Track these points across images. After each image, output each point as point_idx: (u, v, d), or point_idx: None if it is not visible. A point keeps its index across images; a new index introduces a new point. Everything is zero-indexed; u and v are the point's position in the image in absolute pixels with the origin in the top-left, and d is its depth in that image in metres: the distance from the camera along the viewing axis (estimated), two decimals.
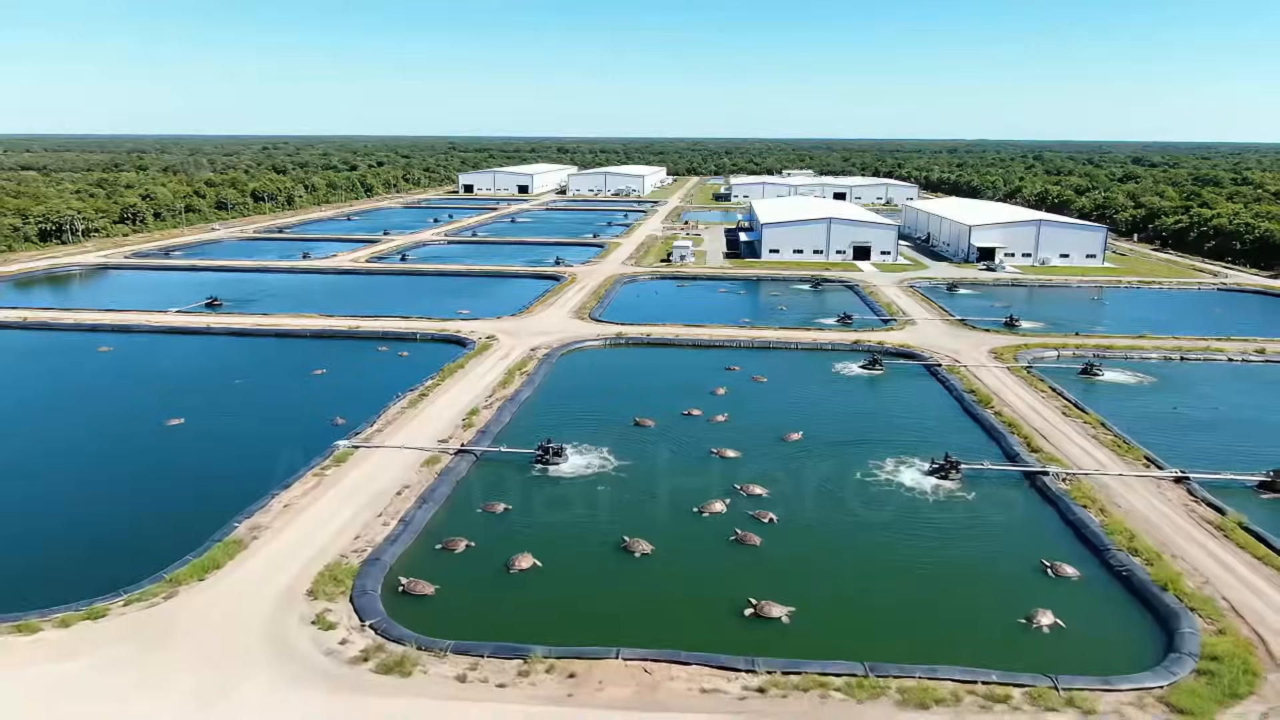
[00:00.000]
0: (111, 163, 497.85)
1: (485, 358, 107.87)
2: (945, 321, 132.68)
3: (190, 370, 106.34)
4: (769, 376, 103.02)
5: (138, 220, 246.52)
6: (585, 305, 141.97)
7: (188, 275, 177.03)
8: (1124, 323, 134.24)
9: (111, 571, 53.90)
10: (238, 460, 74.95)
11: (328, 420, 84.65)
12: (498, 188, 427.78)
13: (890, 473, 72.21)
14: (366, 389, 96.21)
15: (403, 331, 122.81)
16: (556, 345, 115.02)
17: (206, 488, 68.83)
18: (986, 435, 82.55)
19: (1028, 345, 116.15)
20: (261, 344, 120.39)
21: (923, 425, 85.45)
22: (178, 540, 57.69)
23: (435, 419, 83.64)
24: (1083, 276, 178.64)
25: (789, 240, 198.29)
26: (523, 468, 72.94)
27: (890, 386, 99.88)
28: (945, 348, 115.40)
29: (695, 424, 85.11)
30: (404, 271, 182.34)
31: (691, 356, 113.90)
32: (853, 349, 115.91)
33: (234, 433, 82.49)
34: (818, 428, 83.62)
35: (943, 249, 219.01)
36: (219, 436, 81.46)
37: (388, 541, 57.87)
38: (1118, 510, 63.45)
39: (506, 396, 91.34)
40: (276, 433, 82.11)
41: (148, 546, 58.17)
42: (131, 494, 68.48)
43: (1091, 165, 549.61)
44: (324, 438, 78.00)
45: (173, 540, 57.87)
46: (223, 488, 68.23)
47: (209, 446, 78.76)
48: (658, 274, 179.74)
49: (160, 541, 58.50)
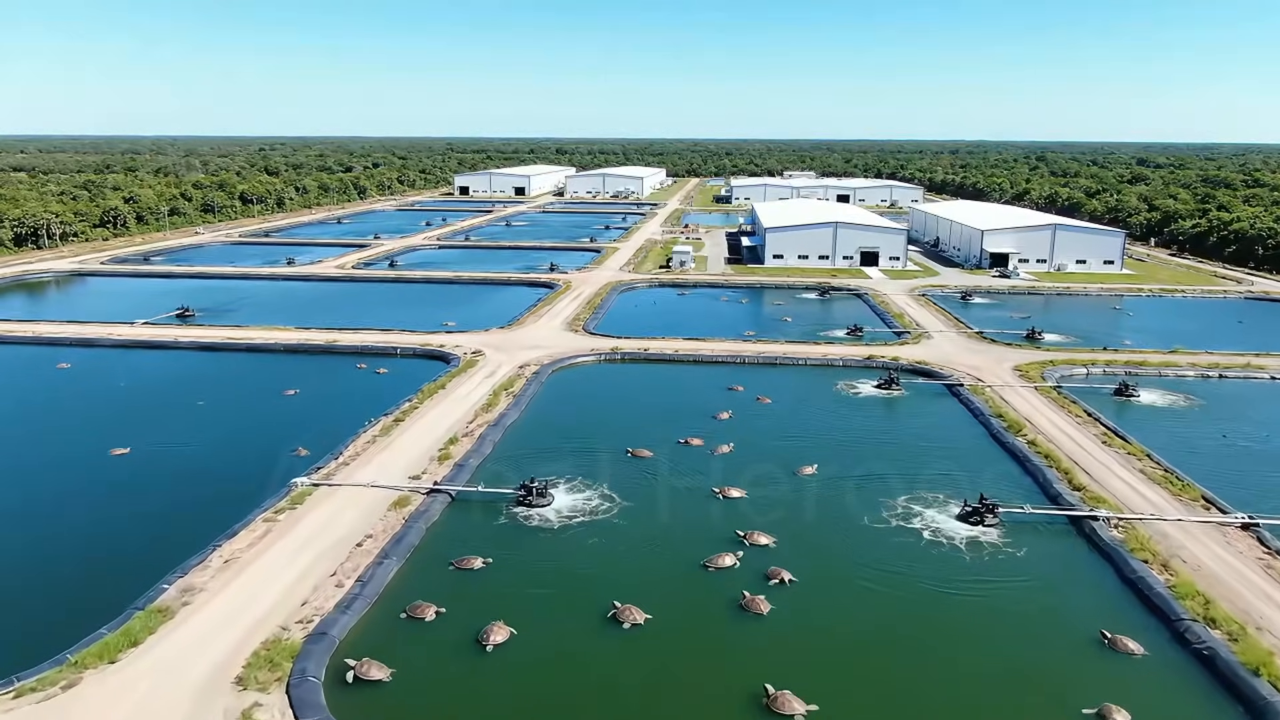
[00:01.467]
0: (103, 164, 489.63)
1: (469, 376, 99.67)
2: (962, 334, 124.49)
3: (150, 390, 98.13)
4: (776, 396, 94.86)
5: (119, 224, 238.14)
6: (579, 316, 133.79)
7: (164, 283, 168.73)
8: (1151, 335, 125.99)
9: (8, 647, 45.76)
10: (182, 500, 66.64)
11: (290, 451, 76.49)
12: (494, 189, 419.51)
13: (918, 517, 63.97)
14: (338, 412, 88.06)
15: (383, 346, 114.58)
16: (547, 361, 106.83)
17: (140, 535, 60.59)
18: (1020, 468, 74.34)
19: (1054, 362, 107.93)
20: (231, 359, 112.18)
21: (949, 456, 77.22)
22: (95, 605, 49.49)
23: (409, 449, 75.42)
24: (1102, 284, 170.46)
25: (793, 245, 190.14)
26: (503, 510, 64.72)
27: (909, 410, 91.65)
28: (965, 364, 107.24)
29: (696, 455, 76.89)
30: (391, 279, 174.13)
31: (691, 374, 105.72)
32: (865, 365, 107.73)
33: (183, 465, 74.18)
34: (833, 459, 75.41)
35: (952, 254, 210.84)
36: (166, 470, 73.15)
37: (340, 609, 49.64)
38: (1183, 566, 55.22)
39: (490, 421, 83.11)
40: (230, 466, 73.82)
41: (59, 613, 49.99)
42: (51, 543, 60.00)
43: (1095, 166, 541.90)
44: (283, 472, 69.82)
45: (89, 605, 49.68)
46: (159, 535, 60.09)
47: (152, 482, 70.45)
48: (656, 281, 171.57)
49: (75, 606, 50.36)
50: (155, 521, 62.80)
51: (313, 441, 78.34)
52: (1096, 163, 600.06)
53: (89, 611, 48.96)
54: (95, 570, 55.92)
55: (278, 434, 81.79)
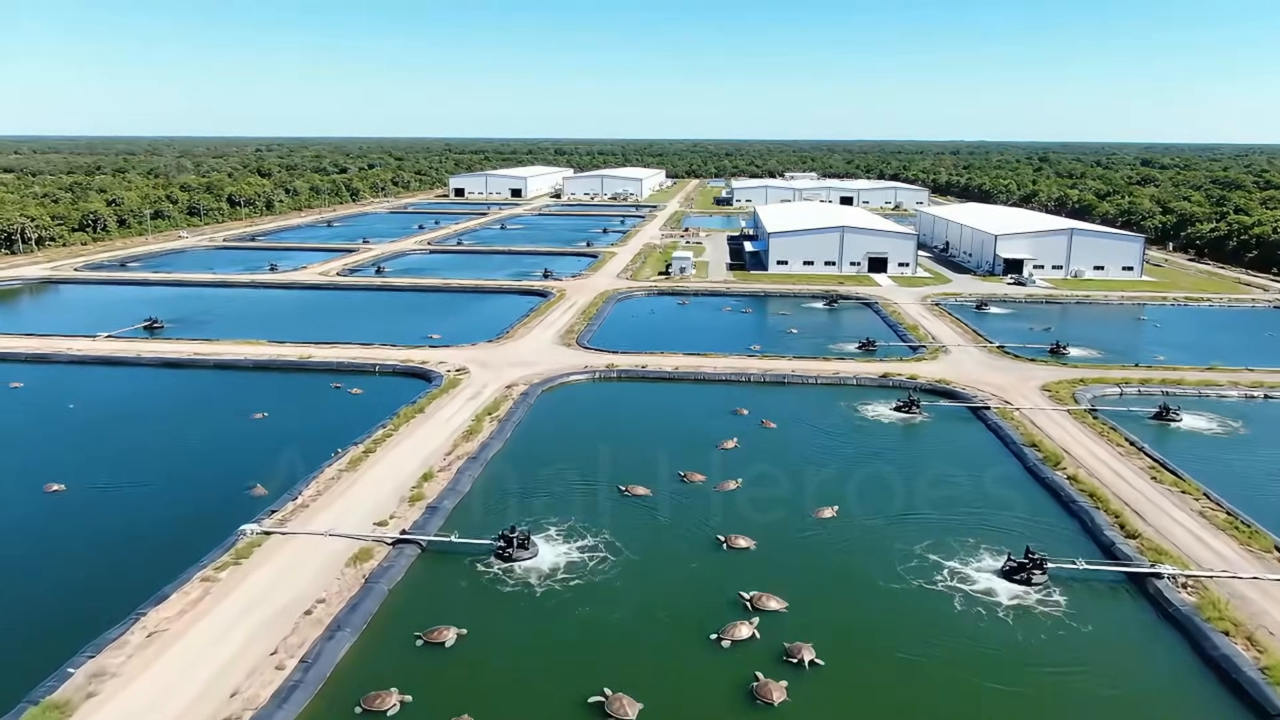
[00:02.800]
0: (94, 165, 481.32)
1: (451, 398, 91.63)
2: (982, 348, 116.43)
3: (103, 412, 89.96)
4: (785, 420, 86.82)
5: (99, 228, 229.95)
6: (573, 328, 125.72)
7: (138, 291, 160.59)
8: (1183, 349, 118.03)
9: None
10: (113, 551, 58.55)
11: (246, 488, 68.49)
12: (490, 191, 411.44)
13: (955, 572, 55.89)
14: (305, 440, 79.87)
15: (360, 362, 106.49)
16: (537, 380, 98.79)
17: (55, 598, 52.46)
18: (1062, 509, 66.29)
19: (1084, 381, 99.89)
20: (196, 377, 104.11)
21: (982, 494, 69.19)
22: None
23: (377, 487, 67.35)
24: (1123, 292, 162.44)
25: (798, 251, 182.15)
26: (480, 564, 56.69)
27: (933, 437, 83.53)
28: (988, 383, 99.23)
29: (698, 493, 68.83)
30: (376, 286, 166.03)
31: (692, 394, 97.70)
32: (881, 385, 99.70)
33: (123, 507, 65.97)
34: (851, 498, 67.34)
35: (963, 259, 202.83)
36: (102, 512, 64.94)
37: (277, 701, 41.60)
38: (1272, 640, 47.17)
39: (469, 453, 75.02)
40: (176, 508, 65.66)
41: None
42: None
43: (1100, 167, 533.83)
44: (234, 516, 61.79)
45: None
46: (77, 598, 52.06)
47: (83, 528, 62.31)
48: (655, 289, 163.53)
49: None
50: (76, 581, 54.63)
51: (274, 476, 70.36)
52: (1100, 163, 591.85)
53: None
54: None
55: (235, 467, 73.73)
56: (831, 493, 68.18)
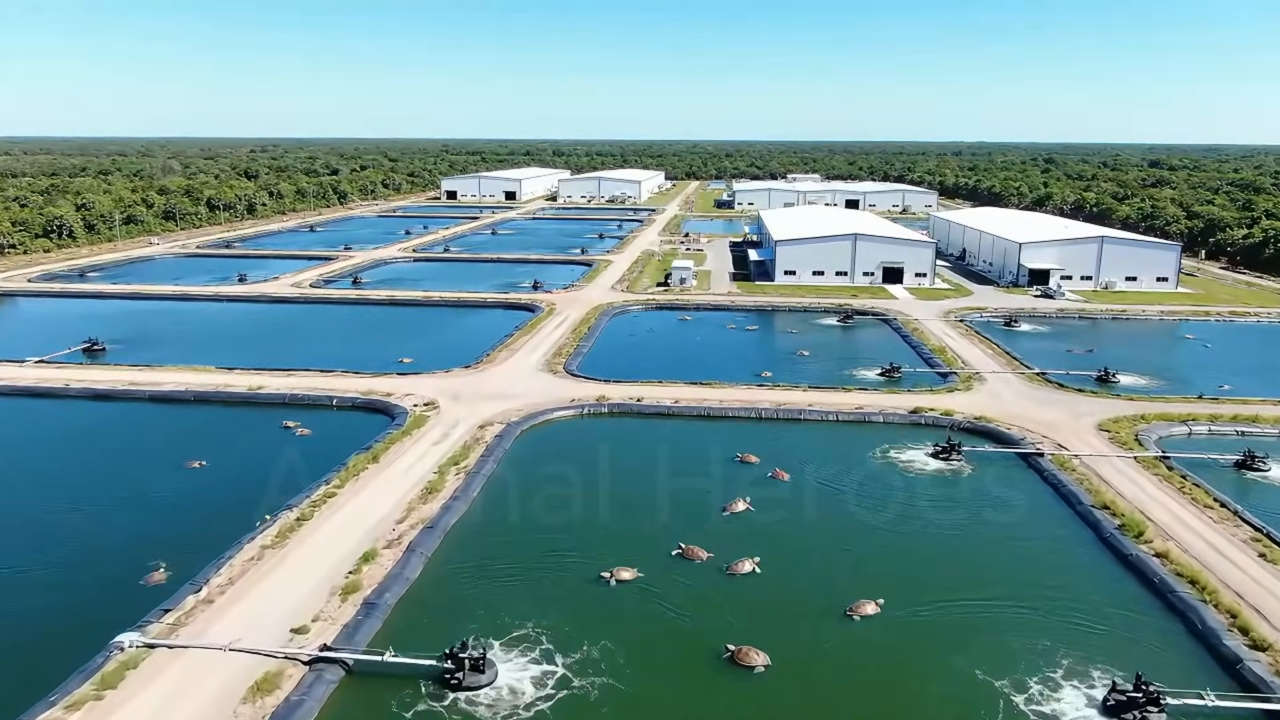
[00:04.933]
0: (79, 167, 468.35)
1: (414, 440, 78.65)
2: (1020, 376, 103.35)
3: (11, 460, 77.00)
4: (804, 470, 73.95)
5: (64, 234, 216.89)
6: (561, 350, 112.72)
7: (88, 305, 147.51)
8: (1244, 374, 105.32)
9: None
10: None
11: (147, 569, 55.56)
12: (483, 194, 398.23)
13: (1039, 707, 42.85)
14: (236, 498, 67.23)
15: (317, 394, 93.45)
16: (515, 418, 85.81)
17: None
18: (1157, 599, 53.24)
19: (1145, 417, 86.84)
20: (129, 414, 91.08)
21: (1054, 578, 56.12)
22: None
23: (304, 571, 54.38)
24: (1161, 305, 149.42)
25: (807, 260, 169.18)
26: (422, 691, 43.71)
27: (982, 494, 70.32)
28: (1035, 420, 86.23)
29: (700, 577, 55.84)
30: (351, 300, 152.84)
31: (694, 435, 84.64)
32: (912, 423, 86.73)
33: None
34: (893, 583, 54.37)
35: (983, 269, 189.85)
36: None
37: None
38: None
39: (426, 520, 62.04)
40: (52, 604, 52.53)
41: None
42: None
43: (1107, 169, 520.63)
44: (118, 614, 48.94)
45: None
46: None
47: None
48: (653, 302, 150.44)
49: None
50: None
51: (185, 552, 57.50)
52: (1108, 165, 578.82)
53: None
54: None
55: (142, 538, 60.84)
56: (869, 578, 55.23)
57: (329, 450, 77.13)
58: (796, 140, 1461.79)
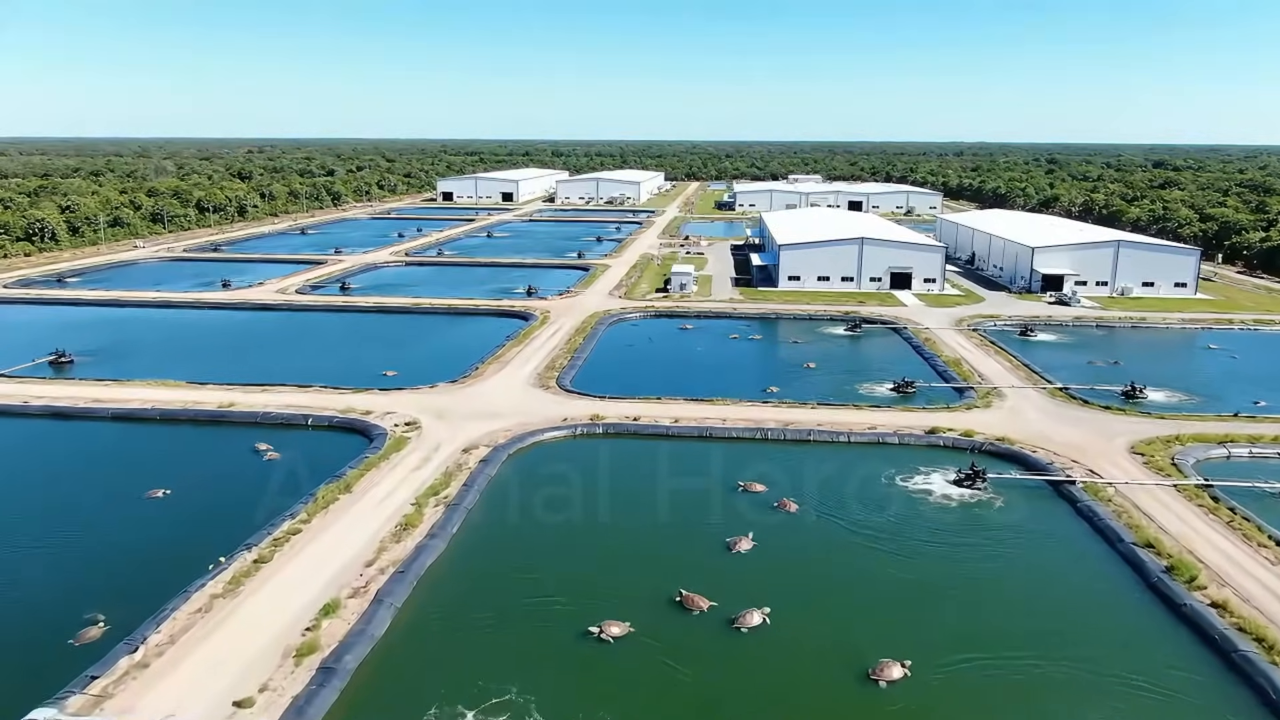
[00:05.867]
0: (72, 168, 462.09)
1: (391, 466, 72.58)
2: (1041, 391, 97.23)
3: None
4: (814, 499, 67.97)
5: (46, 237, 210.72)
6: (554, 363, 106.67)
7: (62, 313, 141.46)
8: (1275, 387, 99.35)
9: None
10: None
11: (81, 625, 49.45)
12: (480, 195, 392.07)
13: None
14: (196, 535, 61.37)
15: (292, 413, 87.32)
16: (503, 439, 79.73)
17: None
18: (1217, 656, 47.16)
19: (1180, 439, 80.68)
20: (90, 434, 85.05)
21: (1101, 630, 50.01)
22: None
23: (256, 626, 48.28)
24: (1182, 313, 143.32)
25: (812, 265, 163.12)
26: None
27: (1011, 528, 64.12)
28: (1062, 442, 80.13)
29: (702, 633, 49.70)
30: (337, 307, 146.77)
31: (695, 458, 78.50)
32: (929, 444, 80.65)
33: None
34: (921, 640, 48.29)
35: (993, 273, 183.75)
36: None
37: None
38: None
39: (398, 562, 55.95)
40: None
41: None
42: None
43: (1112, 169, 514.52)
44: (40, 681, 42.87)
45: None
46: None
47: None
48: (652, 310, 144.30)
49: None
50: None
51: (129, 599, 51.50)
52: (1112, 165, 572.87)
53: None
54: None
55: (85, 584, 54.94)
56: (892, 632, 49.16)
57: (300, 477, 71.15)
58: (797, 140, 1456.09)
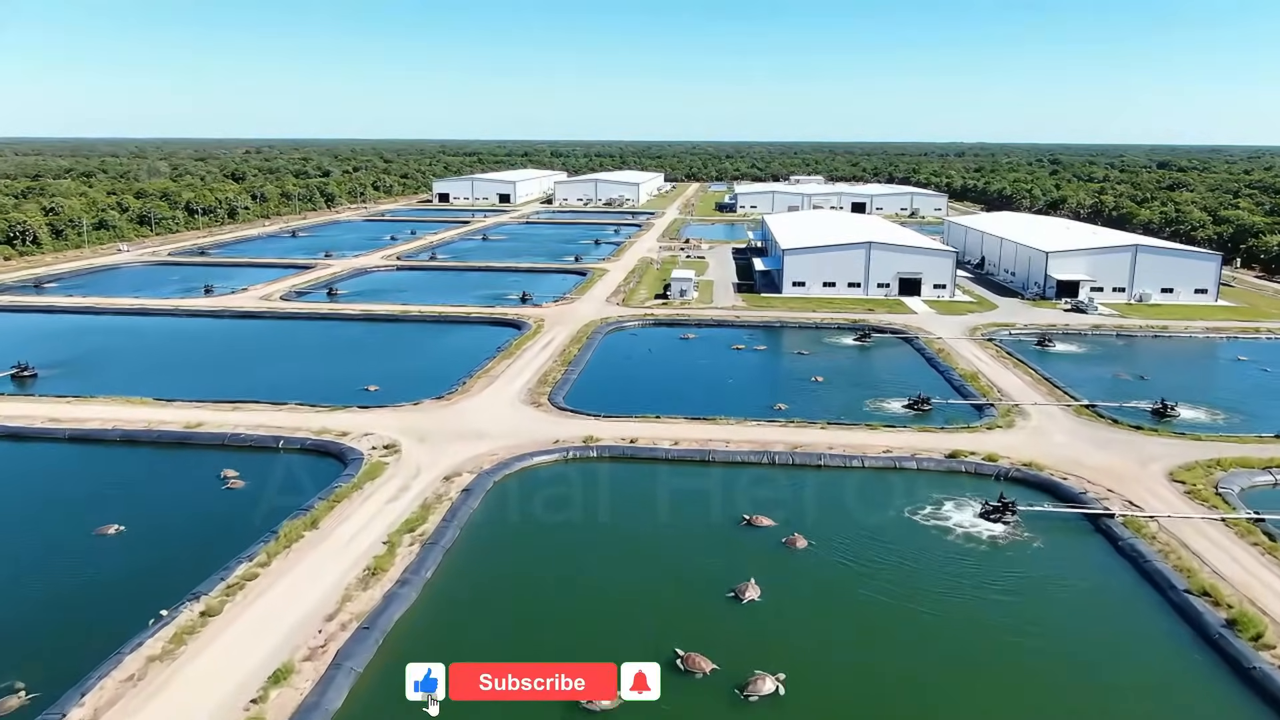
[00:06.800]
0: (64, 169, 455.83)
1: (364, 497, 66.41)
2: (1066, 409, 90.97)
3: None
4: (827, 534, 61.83)
5: (27, 240, 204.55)
6: (547, 376, 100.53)
7: (34, 321, 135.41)
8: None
9: None
10: None
11: (1, 692, 43.41)
12: (476, 196, 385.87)
13: None
14: (145, 581, 55.37)
15: (262, 434, 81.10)
16: (489, 465, 73.55)
17: None
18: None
19: (1220, 463, 74.42)
20: (44, 457, 79.01)
21: (1162, 702, 43.94)
22: None
23: (193, 701, 42.08)
24: (1205, 321, 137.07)
25: (817, 270, 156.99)
26: None
27: (1052, 575, 57.69)
28: (1094, 467, 73.96)
29: (707, 705, 43.51)
30: (322, 314, 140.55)
31: (696, 484, 72.19)
32: (951, 469, 74.47)
33: None
34: (957, 711, 42.11)
35: (1004, 279, 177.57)
36: None
37: None
38: None
39: (362, 615, 49.75)
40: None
41: None
42: None
43: (1116, 170, 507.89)
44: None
45: None
46: None
47: None
48: (651, 318, 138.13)
49: None
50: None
51: (62, 659, 45.48)
52: (1115, 165, 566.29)
53: None
54: None
55: (11, 643, 48.69)
56: (925, 705, 42.98)
57: (265, 509, 65.07)
58: (797, 141, 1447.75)
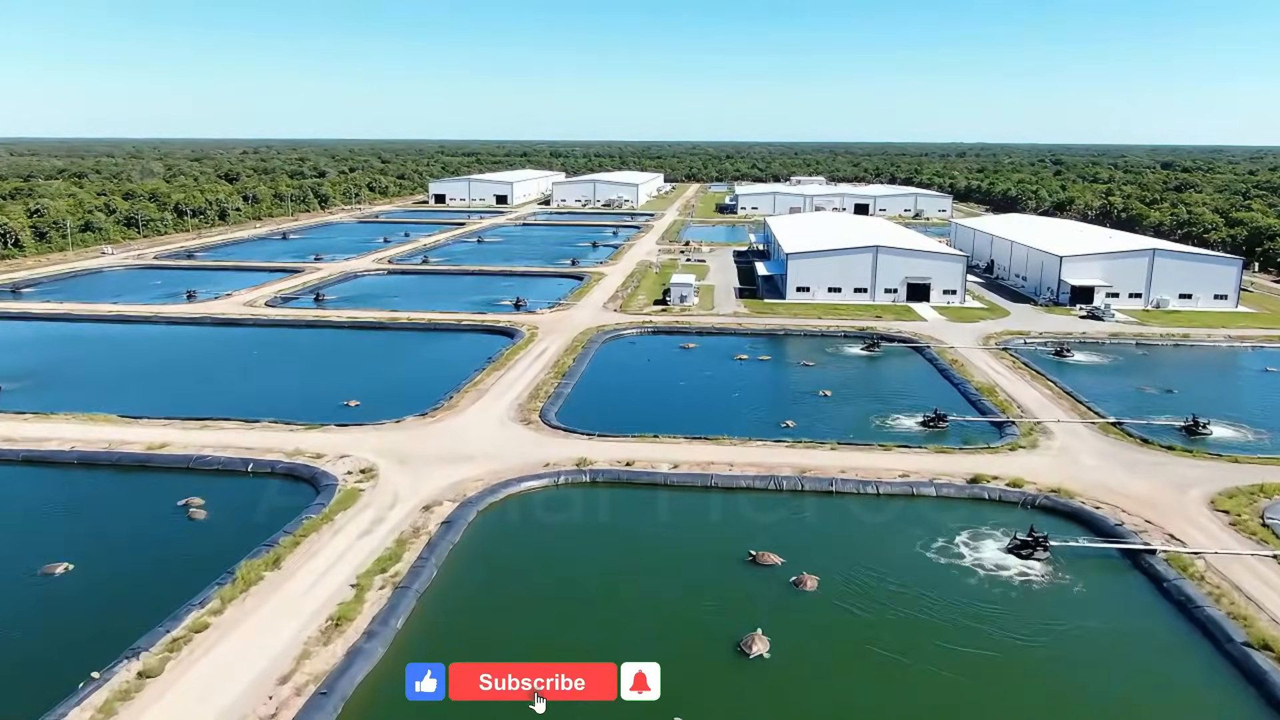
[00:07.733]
0: (57, 169, 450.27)
1: (334, 532, 60.72)
2: (1091, 426, 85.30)
3: None
4: (841, 574, 56.19)
5: (10, 243, 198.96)
6: (540, 389, 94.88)
7: (6, 329, 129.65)
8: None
9: None
10: None
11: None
12: (473, 198, 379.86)
13: None
14: (90, 629, 49.75)
15: (230, 456, 75.43)
16: (473, 491, 67.93)
17: None
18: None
19: (1264, 489, 68.82)
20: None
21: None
22: None
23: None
24: (1226, 329, 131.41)
25: (822, 275, 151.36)
26: None
27: (1092, 623, 52.08)
28: (1126, 494, 68.31)
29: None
30: (307, 322, 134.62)
31: (697, 514, 66.67)
32: (973, 496, 68.83)
33: None
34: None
35: (1015, 284, 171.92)
36: None
37: None
38: None
39: (321, 678, 44.07)
40: None
41: None
42: None
43: (1120, 170, 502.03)
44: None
45: None
46: None
47: None
48: (649, 325, 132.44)
49: None
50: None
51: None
52: (1119, 166, 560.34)
53: None
54: None
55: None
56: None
57: (227, 543, 59.49)
58: (798, 141, 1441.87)
